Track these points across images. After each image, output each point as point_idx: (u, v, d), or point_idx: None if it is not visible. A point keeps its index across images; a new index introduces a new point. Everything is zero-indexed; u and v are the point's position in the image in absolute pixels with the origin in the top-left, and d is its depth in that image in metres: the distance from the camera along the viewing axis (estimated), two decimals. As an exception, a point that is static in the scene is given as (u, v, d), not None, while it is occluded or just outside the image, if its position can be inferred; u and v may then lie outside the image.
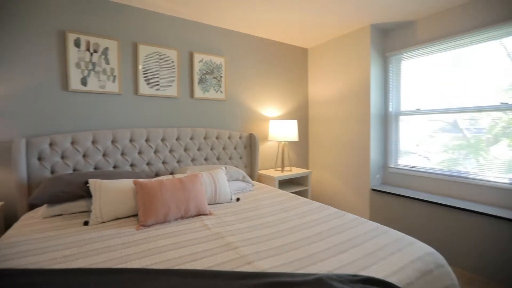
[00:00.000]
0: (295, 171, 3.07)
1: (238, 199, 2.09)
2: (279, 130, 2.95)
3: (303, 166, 3.59)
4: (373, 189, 2.74)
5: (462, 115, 2.31)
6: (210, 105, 2.77)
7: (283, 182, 3.26)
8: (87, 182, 1.70)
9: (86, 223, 1.53)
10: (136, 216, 1.64)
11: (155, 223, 1.54)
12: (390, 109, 2.83)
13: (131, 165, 2.23)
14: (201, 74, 2.66)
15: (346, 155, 3.05)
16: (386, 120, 2.87)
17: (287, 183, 3.25)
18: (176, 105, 2.55)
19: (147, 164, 2.31)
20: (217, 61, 2.76)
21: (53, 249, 1.23)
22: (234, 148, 2.85)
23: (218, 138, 2.74)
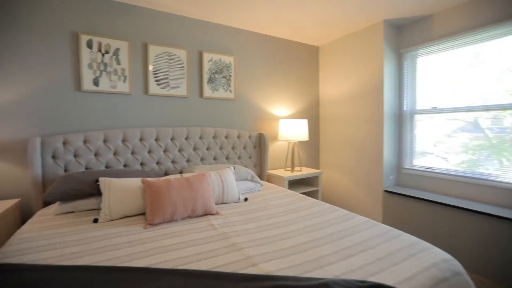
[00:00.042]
0: (305, 171, 3.01)
1: (246, 199, 2.07)
2: (289, 130, 2.91)
3: (314, 166, 3.52)
4: (386, 191, 2.64)
5: (484, 114, 2.18)
6: (220, 105, 2.76)
7: (293, 183, 3.21)
8: (98, 180, 1.73)
9: (96, 221, 1.55)
10: (144, 215, 1.66)
11: (162, 222, 1.55)
12: (405, 108, 2.72)
13: (141, 164, 2.26)
14: (211, 74, 2.66)
15: (358, 155, 2.97)
16: (401, 119, 2.76)
17: (297, 184, 3.20)
18: (186, 105, 2.56)
19: (157, 163, 2.33)
20: (227, 60, 2.75)
21: (63, 246, 1.26)
22: (243, 148, 2.83)
23: (227, 138, 2.73)
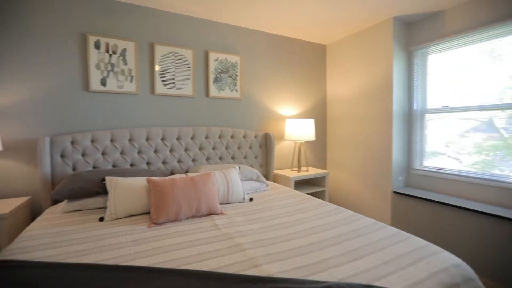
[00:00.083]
0: (312, 172, 2.98)
1: (251, 199, 2.06)
2: (296, 129, 2.88)
3: (321, 167, 3.48)
4: (395, 192, 2.58)
5: (499, 113, 2.09)
6: (225, 104, 2.76)
7: (300, 183, 3.18)
8: (104, 179, 1.75)
9: (102, 219, 1.57)
10: (149, 214, 1.66)
11: (167, 221, 1.55)
12: (415, 107, 2.64)
13: (147, 163, 2.27)
14: (216, 73, 2.66)
15: (366, 156, 2.91)
16: (410, 119, 2.69)
17: (304, 184, 3.16)
18: (192, 104, 2.57)
19: (163, 163, 2.34)
20: (233, 60, 2.74)
21: (68, 243, 1.27)
22: (249, 148, 2.82)
23: (233, 137, 2.72)
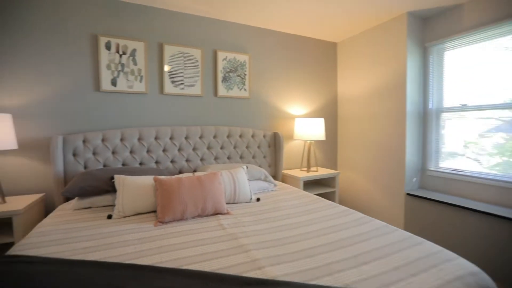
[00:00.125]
0: (322, 172, 2.92)
1: (259, 199, 2.03)
2: (305, 129, 2.83)
3: (331, 167, 3.40)
4: (409, 194, 2.48)
5: (521, 111, 1.97)
6: (234, 103, 2.75)
7: (309, 183, 3.12)
8: (113, 178, 1.78)
9: (110, 217, 1.59)
10: (156, 212, 1.67)
11: (172, 220, 1.55)
12: (430, 106, 2.53)
13: (156, 162, 2.30)
14: (225, 72, 2.66)
15: (379, 156, 2.82)
16: (425, 118, 2.58)
17: (314, 184, 3.10)
18: (200, 104, 2.58)
19: (171, 162, 2.36)
20: (241, 59, 2.73)
21: (76, 240, 1.30)
22: (258, 147, 2.80)
23: (242, 137, 2.71)
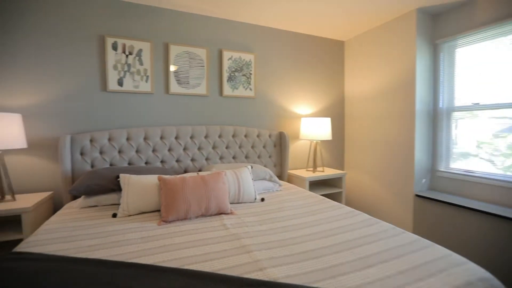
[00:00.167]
0: (328, 172, 2.88)
1: (263, 199, 2.02)
2: (311, 128, 2.80)
3: (338, 167, 3.35)
4: (418, 195, 2.41)
5: (537, 110, 1.89)
6: (239, 103, 2.74)
7: (315, 184, 3.09)
8: (118, 177, 1.79)
9: (115, 215, 1.61)
10: (160, 211, 1.68)
11: (176, 220, 1.56)
12: (440, 105, 2.46)
13: (162, 162, 2.31)
14: (230, 72, 2.65)
15: (387, 156, 2.76)
16: (435, 117, 2.51)
17: (320, 185, 3.07)
18: (205, 103, 2.58)
19: (177, 161, 2.37)
20: (247, 58, 2.72)
21: (81, 238, 1.31)
22: (263, 147, 2.78)
23: (247, 136, 2.70)
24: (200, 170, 2.43)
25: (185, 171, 2.39)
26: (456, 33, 2.29)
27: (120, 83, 2.21)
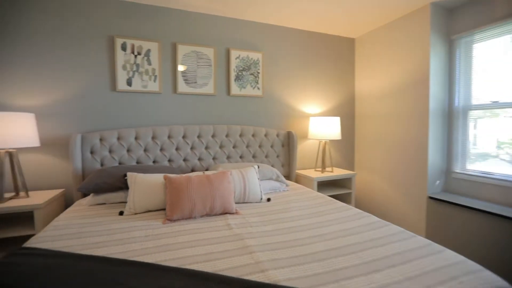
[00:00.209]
0: (337, 172, 2.82)
1: (269, 200, 2.00)
2: (320, 128, 2.74)
3: (348, 167, 3.28)
4: (432, 197, 2.32)
5: None
6: (247, 102, 2.73)
7: (324, 184, 3.03)
8: (126, 175, 1.82)
9: (121, 213, 1.63)
10: (165, 210, 1.69)
11: (181, 219, 1.56)
12: (456, 103, 2.35)
13: (169, 161, 2.33)
14: (238, 71, 2.64)
15: (399, 157, 2.67)
16: (451, 116, 2.40)
17: (329, 185, 3.01)
18: (213, 102, 2.58)
19: (184, 160, 2.39)
20: (254, 57, 2.70)
21: (88, 235, 1.34)
22: (271, 146, 2.76)
23: (254, 136, 2.68)
24: (207, 169, 2.43)
25: (192, 170, 2.40)
26: (474, 28, 2.18)
27: (129, 83, 2.25)
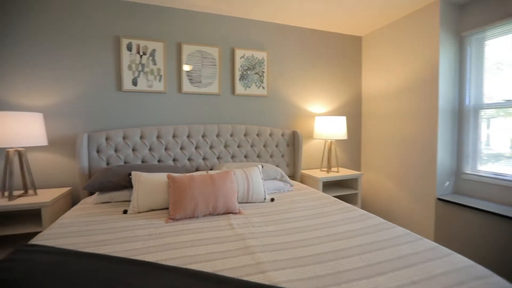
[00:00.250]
0: (343, 173, 2.78)
1: (273, 200, 1.98)
2: (326, 127, 2.71)
3: (354, 168, 3.23)
4: (440, 199, 2.26)
5: None
6: (252, 102, 2.72)
7: (330, 184, 3.00)
8: (130, 174, 1.84)
9: (125, 212, 1.65)
10: (168, 209, 1.70)
11: (183, 218, 1.56)
12: (467, 102, 2.28)
13: (174, 160, 2.34)
14: (243, 70, 2.63)
15: (407, 157, 2.61)
16: (461, 115, 2.33)
17: (335, 185, 2.97)
18: (218, 102, 2.58)
19: (188, 160, 2.39)
20: (259, 56, 2.69)
21: (92, 233, 1.35)
22: (276, 146, 2.74)
23: (259, 135, 2.67)
24: (212, 169, 2.43)
25: (197, 170, 2.41)
26: (485, 24, 2.10)
27: (135, 83, 2.27)
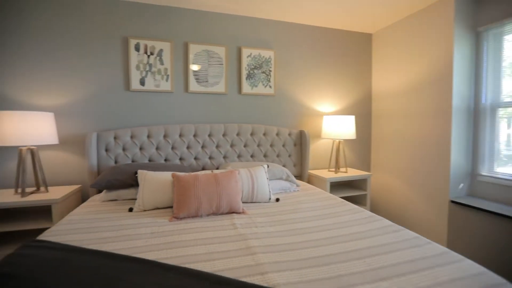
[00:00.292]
0: (352, 173, 2.71)
1: (278, 200, 1.96)
2: (334, 127, 2.66)
3: (364, 168, 3.16)
4: (454, 202, 2.16)
5: None
6: (259, 101, 2.70)
7: (338, 185, 2.94)
8: (137, 173, 1.86)
9: (131, 210, 1.67)
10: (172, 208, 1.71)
11: (187, 217, 1.56)
12: (483, 100, 2.17)
13: (180, 159, 2.36)
14: (249, 69, 2.62)
15: (418, 157, 2.52)
16: (477, 115, 2.22)
17: (343, 186, 2.91)
18: (224, 101, 2.58)
19: (195, 159, 2.41)
20: (266, 55, 2.66)
21: (97, 230, 1.38)
22: (283, 146, 2.71)
23: (266, 135, 2.65)
24: (218, 168, 2.43)
25: (203, 169, 2.42)
26: (504, 18, 2.00)
27: (142, 83, 2.30)
